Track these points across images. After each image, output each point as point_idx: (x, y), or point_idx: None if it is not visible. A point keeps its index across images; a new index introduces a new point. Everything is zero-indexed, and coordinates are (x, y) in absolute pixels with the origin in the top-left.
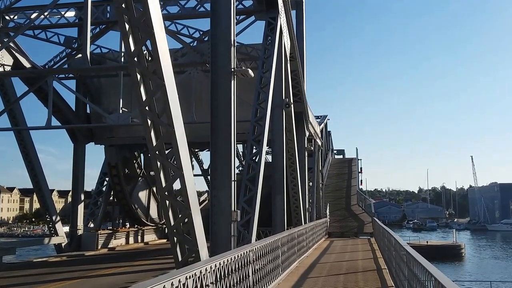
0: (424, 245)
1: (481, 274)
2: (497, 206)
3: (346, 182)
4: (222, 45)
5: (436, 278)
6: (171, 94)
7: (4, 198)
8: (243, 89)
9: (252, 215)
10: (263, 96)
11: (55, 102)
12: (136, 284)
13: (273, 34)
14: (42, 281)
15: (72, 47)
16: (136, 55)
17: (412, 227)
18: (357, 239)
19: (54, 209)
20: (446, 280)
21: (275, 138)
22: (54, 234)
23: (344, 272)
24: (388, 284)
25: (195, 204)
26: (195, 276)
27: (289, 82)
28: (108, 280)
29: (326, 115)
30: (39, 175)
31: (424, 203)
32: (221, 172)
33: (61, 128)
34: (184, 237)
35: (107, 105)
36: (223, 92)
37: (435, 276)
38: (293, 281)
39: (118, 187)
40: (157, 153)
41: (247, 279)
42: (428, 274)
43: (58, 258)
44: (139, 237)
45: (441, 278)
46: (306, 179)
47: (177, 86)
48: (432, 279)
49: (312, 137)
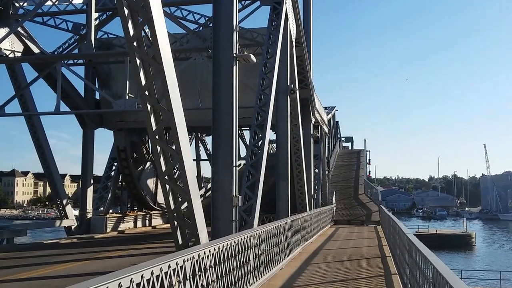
0: (433, 234)
1: (491, 264)
2: (510, 195)
3: (354, 172)
4: (224, 30)
5: (434, 266)
6: (170, 79)
7: (19, 182)
8: (253, 76)
9: (254, 200)
10: (267, 82)
11: (64, 88)
12: (136, 265)
13: (278, 19)
14: (51, 262)
15: (80, 33)
16: (135, 40)
17: (422, 215)
18: (363, 227)
19: (64, 193)
20: (445, 269)
21: (279, 124)
22: (64, 217)
23: (347, 258)
24: (392, 272)
25: (195, 189)
26: (193, 259)
27: (295, 68)
28: (115, 261)
29: (334, 106)
30: (49, 160)
31: (434, 192)
32: (223, 158)
33: (69, 114)
34: (184, 221)
35: (116, 90)
36: (226, 77)
37: (434, 264)
38: (296, 267)
39: (126, 170)
40: (157, 138)
41: (247, 263)
42: (428, 262)
43: (68, 240)
44: (146, 221)
45: (439, 266)
46: (311, 166)
47: (182, 72)
48: (431, 267)
49: (318, 124)
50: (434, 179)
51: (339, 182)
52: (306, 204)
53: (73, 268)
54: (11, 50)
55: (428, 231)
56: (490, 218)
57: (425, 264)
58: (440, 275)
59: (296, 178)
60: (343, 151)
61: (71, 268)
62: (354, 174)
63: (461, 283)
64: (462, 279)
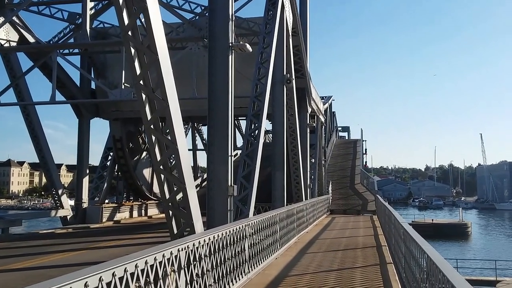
0: (429, 224)
1: (487, 253)
2: (506, 184)
3: (351, 162)
4: (220, 20)
5: (428, 255)
6: (165, 68)
7: (14, 172)
8: (249, 66)
9: (250, 190)
10: (263, 72)
11: (59, 78)
12: (129, 255)
13: (275, 9)
14: (47, 252)
15: (76, 23)
16: (130, 29)
17: (418, 205)
18: (359, 217)
19: (59, 183)
20: (438, 258)
21: (275, 114)
22: (60, 207)
23: (343, 248)
24: (387, 261)
25: (190, 178)
26: (188, 249)
27: (291, 57)
28: (111, 251)
29: (331, 96)
30: (45, 150)
31: (430, 181)
32: (218, 147)
33: (65, 103)
34: (179, 211)
35: (112, 80)
36: (221, 67)
37: (428, 253)
38: (291, 256)
39: (122, 160)
40: (152, 127)
41: (242, 253)
42: (422, 251)
43: (64, 230)
44: (142, 211)
45: (433, 255)
46: (308, 156)
47: (178, 62)
48: (425, 256)
49: (315, 114)
50: (431, 169)
51: (335, 171)
52: (302, 194)
53: (68, 258)
54: (6, 39)
55: (424, 220)
56: (486, 208)
57: (420, 254)
58: (434, 264)
59: (292, 167)
60: (340, 141)
61: (67, 258)
62: (351, 164)
63: (454, 272)
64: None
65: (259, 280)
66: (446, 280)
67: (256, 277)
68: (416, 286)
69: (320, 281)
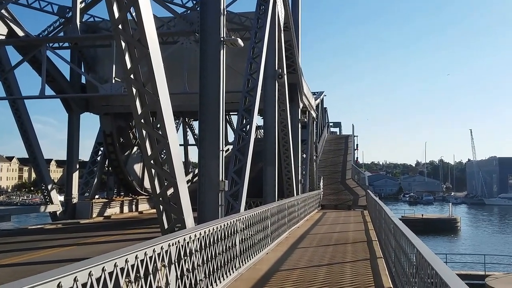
0: (419, 219)
1: (476, 248)
2: (495, 180)
3: (342, 158)
4: (211, 14)
5: (418, 249)
6: (156, 62)
7: (3, 167)
8: (241, 61)
9: (241, 185)
10: (255, 67)
11: (49, 72)
12: (120, 250)
13: (267, 3)
14: (36, 248)
15: (66, 16)
16: (120, 23)
17: (408, 200)
18: (350, 212)
19: (49, 178)
20: (427, 252)
21: (267, 109)
22: (49, 202)
23: (334, 243)
24: (377, 256)
25: (181, 173)
26: (178, 244)
27: (283, 52)
28: (101, 247)
29: (322, 91)
30: (34, 144)
31: (421, 177)
32: (210, 142)
33: (54, 98)
34: (170, 206)
35: (103, 74)
36: (212, 61)
37: (417, 247)
38: (282, 251)
39: (113, 155)
40: (142, 122)
41: (233, 248)
42: (411, 245)
43: (53, 226)
44: (133, 206)
45: (423, 249)
46: (299, 151)
47: (169, 56)
48: (415, 251)
49: (306, 109)
50: (421, 164)
51: (326, 167)
52: (293, 189)
53: (58, 254)
54: None
55: (414, 215)
56: (476, 203)
57: (409, 248)
58: (423, 258)
59: (284, 163)
60: (331, 137)
61: (56, 254)
62: (342, 159)
63: (443, 265)
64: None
65: (249, 275)
66: (435, 273)
67: (247, 272)
68: (405, 280)
69: (311, 275)
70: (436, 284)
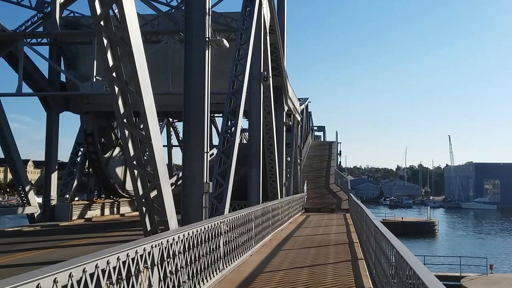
0: (399, 222)
1: (452, 250)
2: (471, 185)
3: (326, 163)
4: (196, 13)
5: (397, 249)
6: (139, 61)
7: None
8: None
9: (226, 187)
10: (240, 69)
11: (27, 68)
12: (101, 251)
13: (252, 5)
14: (13, 250)
15: (44, 11)
16: (102, 19)
17: (389, 204)
18: (333, 215)
19: (26, 179)
20: (406, 252)
21: (252, 111)
22: (27, 204)
23: (316, 245)
24: (358, 257)
25: (165, 174)
26: (161, 245)
27: (268, 55)
28: (81, 249)
29: (307, 98)
30: (10, 145)
31: (401, 181)
32: (194, 143)
33: (32, 96)
34: (153, 207)
35: (83, 72)
36: (197, 61)
37: (397, 248)
38: (266, 253)
39: (94, 156)
40: (125, 122)
41: (217, 250)
42: (391, 246)
43: (31, 228)
44: (115, 209)
45: (401, 250)
46: (284, 154)
47: (153, 56)
48: (394, 251)
49: (291, 112)
50: (401, 169)
51: (311, 172)
52: (277, 192)
53: (36, 257)
54: None
55: (394, 218)
56: (453, 207)
57: (389, 249)
58: (402, 258)
59: (268, 165)
60: (315, 143)
61: (34, 257)
62: (326, 165)
63: (421, 265)
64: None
65: (233, 277)
66: (413, 273)
67: (231, 274)
68: (385, 281)
69: (293, 277)
70: (415, 285)
